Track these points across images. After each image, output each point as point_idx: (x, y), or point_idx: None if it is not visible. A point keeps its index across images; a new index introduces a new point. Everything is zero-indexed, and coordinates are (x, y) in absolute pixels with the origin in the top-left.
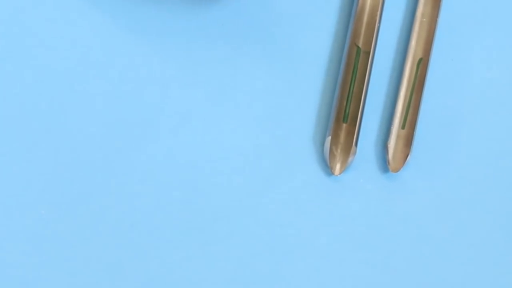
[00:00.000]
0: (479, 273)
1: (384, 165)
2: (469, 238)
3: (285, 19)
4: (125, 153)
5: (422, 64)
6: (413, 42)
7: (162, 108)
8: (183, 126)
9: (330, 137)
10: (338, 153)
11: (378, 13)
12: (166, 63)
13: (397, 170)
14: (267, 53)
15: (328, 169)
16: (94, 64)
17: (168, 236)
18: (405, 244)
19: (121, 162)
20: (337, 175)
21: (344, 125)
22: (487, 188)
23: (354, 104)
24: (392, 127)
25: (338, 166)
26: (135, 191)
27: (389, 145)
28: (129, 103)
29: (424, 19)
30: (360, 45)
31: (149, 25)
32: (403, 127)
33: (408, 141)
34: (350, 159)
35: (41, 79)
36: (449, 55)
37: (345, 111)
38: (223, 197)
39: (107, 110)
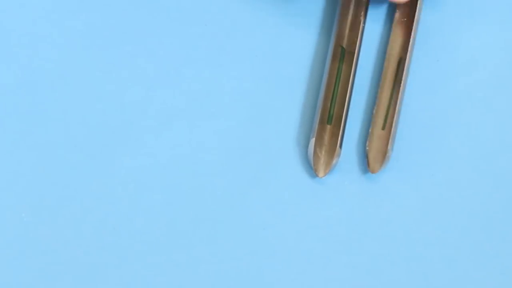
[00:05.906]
0: (463, 274)
1: None
2: (452, 239)
3: (269, 19)
4: (108, 155)
5: (402, 64)
6: (393, 43)
7: (145, 109)
8: (166, 127)
9: (314, 139)
10: (322, 155)
11: (363, 13)
12: (149, 63)
13: (375, 171)
14: (250, 54)
15: (312, 171)
16: (76, 64)
17: (151, 238)
18: (389, 246)
19: (104, 164)
20: (321, 177)
21: (329, 126)
22: (469, 189)
23: (339, 106)
24: (372, 128)
25: (322, 168)
26: (117, 193)
27: (367, 146)
28: (111, 104)
29: (404, 19)
30: (344, 46)
31: (132, 25)
32: (383, 128)
33: (387, 142)
34: (334, 161)
35: (21, 80)
36: (434, 55)
37: (329, 112)
38: (206, 199)
39: (89, 112)
